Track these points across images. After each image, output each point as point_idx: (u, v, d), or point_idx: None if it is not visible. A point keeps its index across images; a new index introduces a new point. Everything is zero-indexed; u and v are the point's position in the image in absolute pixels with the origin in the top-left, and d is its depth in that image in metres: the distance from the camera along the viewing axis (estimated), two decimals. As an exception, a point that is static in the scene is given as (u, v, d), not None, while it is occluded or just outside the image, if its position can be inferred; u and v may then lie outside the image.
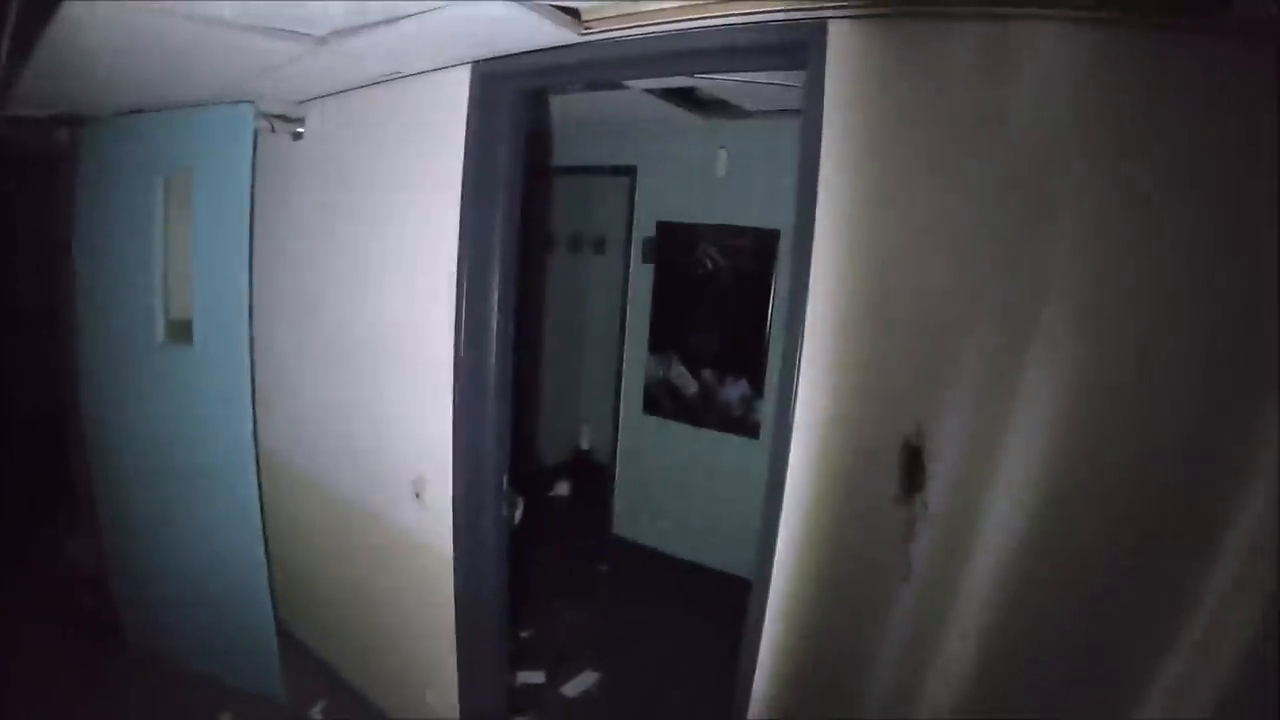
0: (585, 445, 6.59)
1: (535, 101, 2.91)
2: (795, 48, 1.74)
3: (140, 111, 3.07)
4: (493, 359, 2.42)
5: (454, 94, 2.34)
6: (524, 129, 2.45)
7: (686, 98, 3.26)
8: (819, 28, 1.67)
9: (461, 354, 2.39)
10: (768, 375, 4.16)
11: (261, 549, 3.01)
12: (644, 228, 4.62)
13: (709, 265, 4.33)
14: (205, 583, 3.21)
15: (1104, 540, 1.55)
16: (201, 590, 3.24)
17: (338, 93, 2.81)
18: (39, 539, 4.22)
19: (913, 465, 1.72)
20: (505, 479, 2.53)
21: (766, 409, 4.18)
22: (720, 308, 4.36)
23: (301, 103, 2.98)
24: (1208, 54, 1.41)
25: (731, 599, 4.14)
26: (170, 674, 3.39)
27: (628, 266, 4.79)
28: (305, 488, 3.23)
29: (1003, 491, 1.61)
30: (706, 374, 4.44)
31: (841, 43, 1.66)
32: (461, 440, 2.44)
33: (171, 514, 3.23)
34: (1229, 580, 1.43)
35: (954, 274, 1.63)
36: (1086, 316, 1.52)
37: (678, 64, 2.14)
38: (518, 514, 2.65)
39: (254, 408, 2.85)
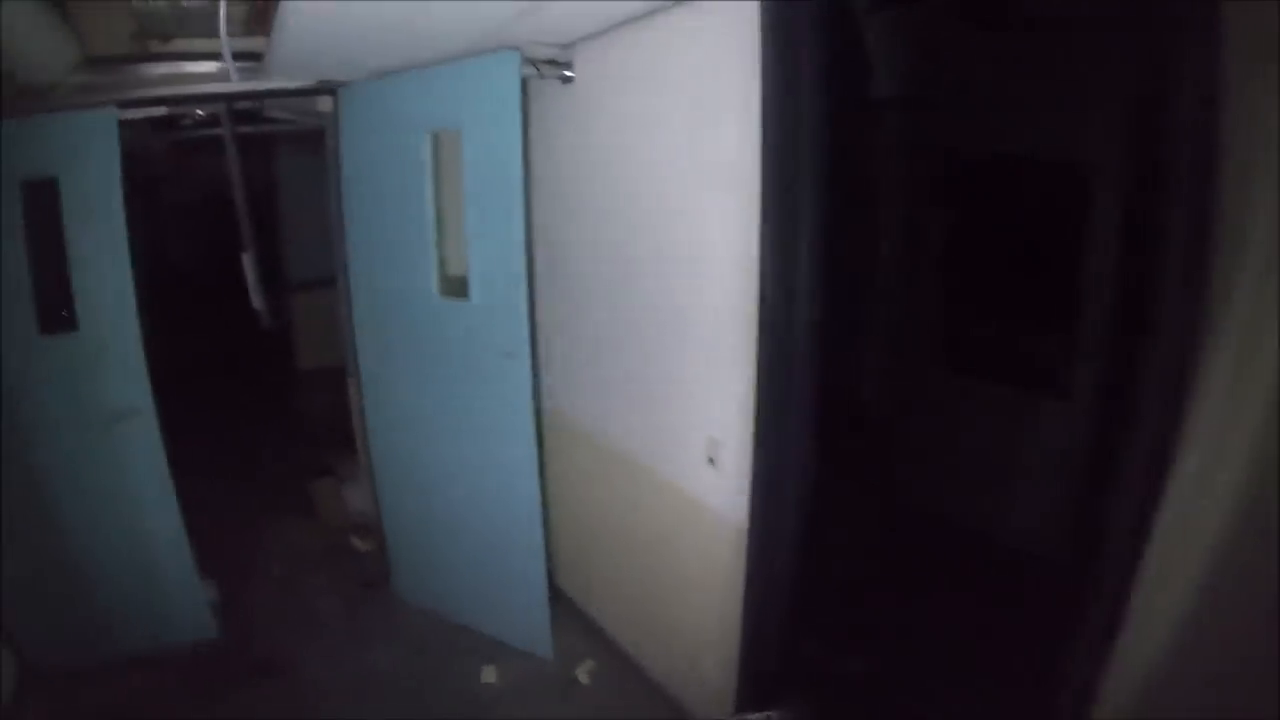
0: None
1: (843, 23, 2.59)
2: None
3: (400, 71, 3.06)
4: (801, 312, 2.17)
5: (744, 15, 2.08)
6: (828, 50, 2.15)
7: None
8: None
9: (766, 306, 2.16)
10: (1087, 329, 3.52)
11: (537, 505, 3.00)
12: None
13: (1002, 205, 3.81)
14: (476, 535, 3.26)
15: None
16: (472, 542, 3.30)
17: (608, 30, 2.64)
18: (318, 486, 4.52)
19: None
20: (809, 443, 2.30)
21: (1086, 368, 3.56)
22: (1022, 252, 3.76)
23: (568, 45, 2.85)
24: None
25: (1023, 576, 3.68)
26: (436, 623, 3.52)
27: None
28: (587, 445, 3.18)
29: None
30: (1006, 324, 3.90)
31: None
32: (765, 401, 2.21)
33: (444, 467, 3.29)
34: None
35: None
36: None
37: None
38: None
39: (535, 362, 2.78)
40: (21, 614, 3.08)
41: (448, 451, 3.25)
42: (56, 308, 2.90)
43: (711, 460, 2.43)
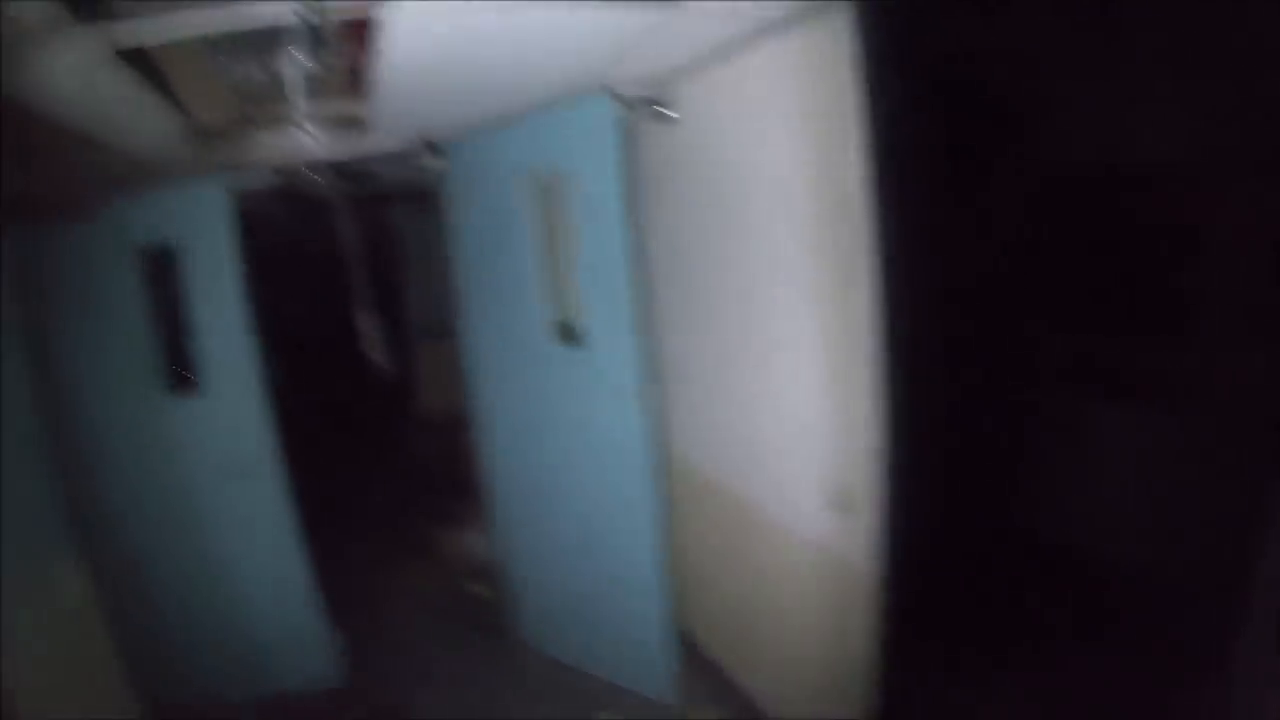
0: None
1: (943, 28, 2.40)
2: None
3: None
4: (921, 340, 1.99)
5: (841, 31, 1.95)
6: (926, 59, 1.98)
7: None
8: None
9: (884, 348, 2.01)
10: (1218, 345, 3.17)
11: (659, 550, 2.93)
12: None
13: (1115, 214, 3.44)
14: (598, 581, 3.21)
15: None
16: (594, 588, 3.24)
17: (708, 65, 2.57)
18: (439, 533, 4.57)
19: None
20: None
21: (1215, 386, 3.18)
22: (1139, 263, 3.39)
23: (669, 84, 2.79)
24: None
25: (1154, 616, 3.25)
26: (557, 669, 3.47)
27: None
28: (713, 492, 3.09)
29: None
30: (1126, 340, 3.52)
31: None
32: (890, 444, 2.04)
33: (564, 511, 3.27)
34: None
35: None
36: None
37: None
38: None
39: (656, 409, 2.73)
40: (150, 658, 3.21)
41: (568, 496, 3.23)
42: (181, 370, 3.07)
43: (837, 506, 2.27)
